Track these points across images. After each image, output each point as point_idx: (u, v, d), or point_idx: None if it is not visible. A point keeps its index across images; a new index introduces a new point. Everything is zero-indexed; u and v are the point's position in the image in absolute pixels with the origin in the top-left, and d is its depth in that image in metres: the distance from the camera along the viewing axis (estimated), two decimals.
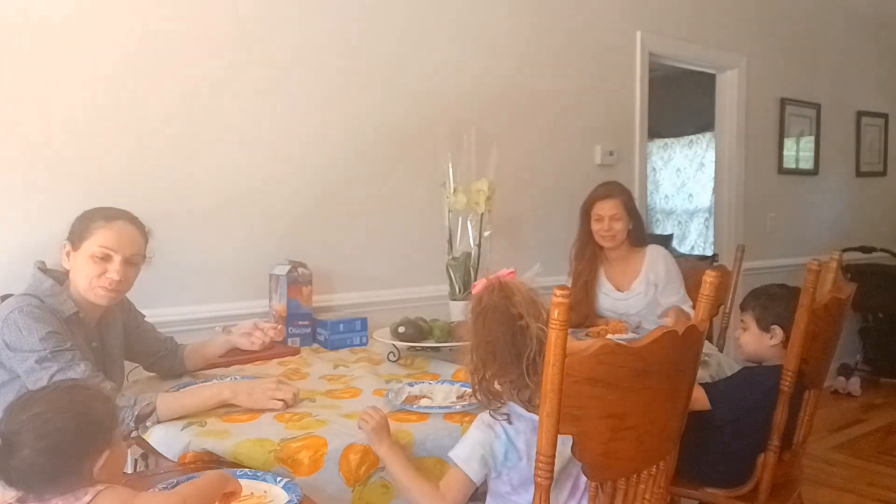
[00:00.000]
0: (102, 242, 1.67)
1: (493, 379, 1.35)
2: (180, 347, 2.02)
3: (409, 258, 2.82)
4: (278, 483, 1.30)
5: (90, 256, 1.66)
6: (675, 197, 7.29)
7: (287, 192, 2.52)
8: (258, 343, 1.99)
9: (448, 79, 2.90)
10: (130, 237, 1.71)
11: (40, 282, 1.68)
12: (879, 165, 5.23)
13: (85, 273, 1.67)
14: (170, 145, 2.28)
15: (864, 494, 3.08)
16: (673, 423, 1.38)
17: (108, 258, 1.67)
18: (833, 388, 4.58)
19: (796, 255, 4.21)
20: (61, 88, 2.10)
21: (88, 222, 1.69)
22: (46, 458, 0.97)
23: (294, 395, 1.67)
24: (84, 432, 1.01)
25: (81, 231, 1.68)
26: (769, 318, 1.97)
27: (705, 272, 1.40)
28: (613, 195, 2.63)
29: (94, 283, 1.67)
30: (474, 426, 1.39)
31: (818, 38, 4.62)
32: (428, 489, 1.34)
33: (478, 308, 1.37)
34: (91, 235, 1.67)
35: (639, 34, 3.57)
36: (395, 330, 2.14)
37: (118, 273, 1.68)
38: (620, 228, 2.61)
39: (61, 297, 1.67)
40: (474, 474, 1.32)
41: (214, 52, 2.35)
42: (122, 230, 1.70)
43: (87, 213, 1.72)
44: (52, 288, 1.67)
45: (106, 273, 1.67)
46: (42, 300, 1.63)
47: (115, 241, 1.68)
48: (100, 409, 1.05)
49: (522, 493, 1.35)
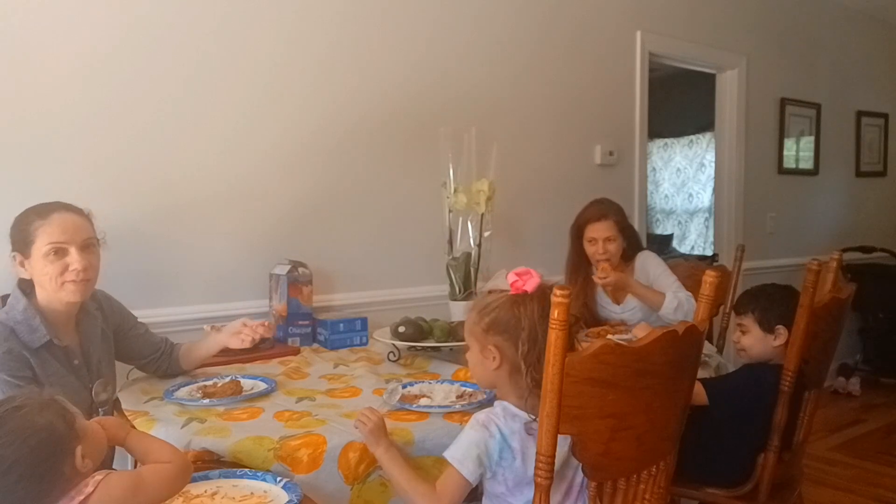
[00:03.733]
0: (50, 239, 1.60)
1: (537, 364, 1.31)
2: (175, 347, 1.99)
3: (409, 258, 2.82)
4: (278, 483, 1.29)
5: (43, 257, 1.60)
6: (675, 197, 7.29)
7: (287, 191, 2.52)
8: (248, 341, 1.96)
9: (449, 79, 2.90)
10: (74, 224, 1.64)
11: (16, 302, 1.62)
12: (879, 165, 5.23)
13: (47, 275, 1.61)
14: (167, 144, 2.28)
15: (864, 494, 3.08)
16: (673, 423, 1.38)
17: (63, 252, 1.61)
18: (833, 388, 4.59)
19: (796, 255, 4.21)
20: (59, 87, 2.09)
21: (26, 226, 1.62)
22: (22, 486, 0.98)
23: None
24: (43, 449, 1.00)
25: (24, 236, 1.62)
26: (772, 318, 1.94)
27: (705, 272, 1.40)
28: (606, 216, 2.57)
29: (59, 281, 1.61)
30: (469, 426, 1.38)
31: (818, 38, 4.63)
32: (424, 490, 1.34)
33: (523, 297, 1.36)
34: (36, 237, 1.61)
35: (639, 34, 3.57)
36: (395, 330, 2.14)
37: (79, 262, 1.62)
38: (615, 250, 2.56)
39: (34, 322, 1.61)
40: (470, 474, 1.32)
41: (214, 49, 2.35)
42: (63, 220, 1.63)
43: (19, 218, 1.65)
44: (23, 312, 1.61)
45: (68, 267, 1.62)
46: (13, 329, 1.59)
47: (61, 233, 1.62)
48: (43, 419, 1.02)
49: (517, 495, 1.34)
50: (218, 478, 1.32)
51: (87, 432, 1.06)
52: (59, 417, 1.04)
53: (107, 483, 1.02)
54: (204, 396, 1.75)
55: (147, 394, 1.81)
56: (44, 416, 1.02)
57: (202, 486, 1.29)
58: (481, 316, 1.40)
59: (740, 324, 2.03)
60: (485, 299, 1.43)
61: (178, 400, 1.72)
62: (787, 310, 1.87)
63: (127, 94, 2.20)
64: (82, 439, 1.04)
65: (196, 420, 1.57)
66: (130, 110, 2.20)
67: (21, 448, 0.98)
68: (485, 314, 1.39)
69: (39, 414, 1.03)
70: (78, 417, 1.07)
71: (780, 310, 1.93)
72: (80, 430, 1.05)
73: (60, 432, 1.02)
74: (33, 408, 1.03)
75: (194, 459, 1.41)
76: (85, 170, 2.13)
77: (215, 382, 1.85)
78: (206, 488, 1.28)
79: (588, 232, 2.59)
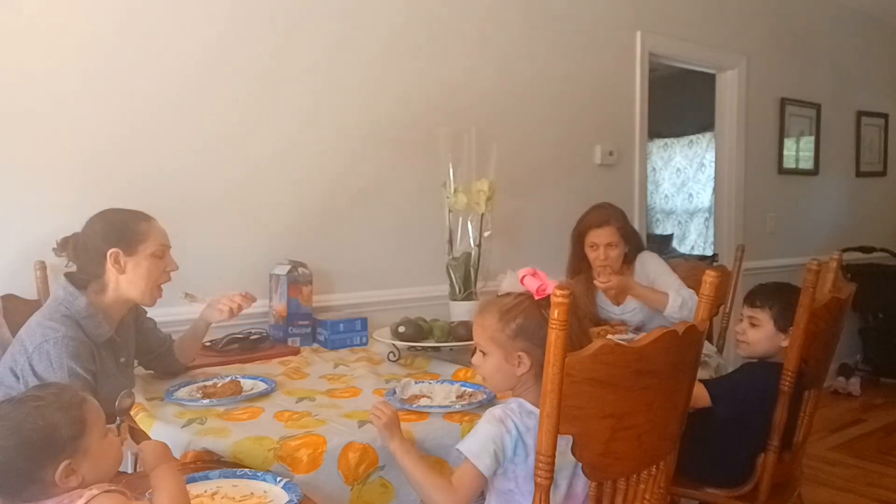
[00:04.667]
0: (161, 240, 1.73)
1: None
2: (173, 344, 2.00)
3: (409, 258, 2.82)
4: (278, 483, 1.29)
5: (151, 256, 1.70)
6: (675, 197, 7.29)
7: (287, 191, 2.52)
8: (226, 311, 1.95)
9: (449, 79, 2.90)
10: (164, 229, 1.77)
11: (74, 298, 1.64)
12: (879, 165, 5.23)
13: (149, 275, 1.70)
14: (169, 144, 2.28)
15: (864, 494, 3.08)
16: (673, 423, 1.38)
17: (164, 254, 1.73)
18: (833, 388, 4.58)
19: (796, 255, 4.21)
20: (58, 86, 2.09)
21: (134, 224, 1.70)
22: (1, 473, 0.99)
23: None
24: (28, 448, 0.99)
25: (132, 235, 1.68)
26: (789, 318, 1.86)
27: (705, 272, 1.40)
28: (608, 222, 2.56)
29: (157, 283, 1.72)
30: (485, 420, 1.36)
31: (818, 38, 4.63)
32: (441, 484, 1.33)
33: (546, 300, 1.32)
34: (146, 237, 1.69)
35: (639, 34, 3.57)
36: (395, 330, 2.14)
37: (174, 264, 1.76)
38: (616, 256, 2.56)
39: (97, 318, 1.65)
40: (486, 469, 1.31)
41: (214, 47, 2.35)
42: (159, 225, 1.75)
43: (121, 217, 1.71)
44: (87, 308, 1.64)
45: (165, 269, 1.74)
46: (79, 322, 1.61)
47: (164, 237, 1.75)
48: (51, 422, 1.01)
49: (527, 494, 1.33)
50: (218, 478, 1.31)
51: (89, 451, 1.03)
52: (69, 425, 1.02)
53: (97, 501, 0.99)
54: (204, 396, 1.75)
55: (147, 393, 1.81)
56: (53, 417, 1.01)
57: (202, 485, 1.28)
58: (505, 322, 1.37)
59: (752, 316, 1.99)
60: (504, 303, 1.39)
61: (178, 400, 1.72)
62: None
63: (125, 92, 2.19)
64: (78, 455, 1.02)
65: (196, 420, 1.57)
66: (130, 109, 2.20)
67: (12, 438, 0.99)
68: (509, 320, 1.37)
69: (52, 413, 1.02)
70: (91, 431, 1.04)
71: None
72: (83, 443, 1.03)
73: (57, 439, 1.01)
74: (51, 405, 1.03)
75: (194, 459, 1.41)
76: (84, 169, 2.13)
77: (215, 382, 1.85)
78: (205, 488, 1.28)
79: (590, 238, 2.59)
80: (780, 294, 1.97)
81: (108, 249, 1.66)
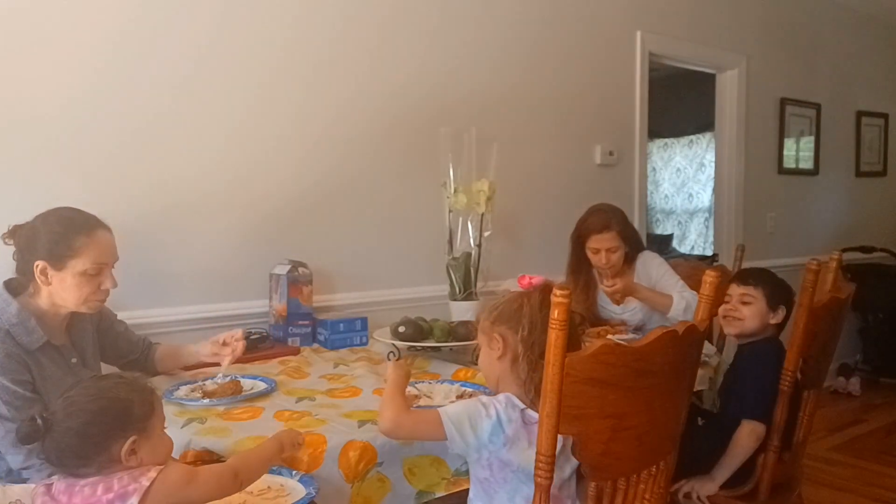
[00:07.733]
0: (95, 259, 1.60)
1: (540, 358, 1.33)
2: (152, 348, 1.96)
3: (409, 258, 2.82)
4: (294, 477, 1.33)
5: (81, 274, 1.58)
6: (675, 197, 7.29)
7: (288, 191, 2.52)
8: (227, 360, 1.90)
9: (449, 79, 2.90)
10: (111, 244, 1.65)
11: (6, 305, 1.56)
12: (879, 165, 5.23)
13: (78, 291, 1.59)
14: (167, 144, 2.27)
15: (864, 494, 3.08)
16: (673, 423, 1.38)
17: (99, 272, 1.62)
18: (833, 388, 4.58)
19: (796, 255, 4.21)
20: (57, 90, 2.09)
21: (68, 240, 1.58)
22: (72, 437, 1.05)
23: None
24: (106, 415, 1.07)
25: (62, 250, 1.58)
26: (778, 297, 2.02)
27: (705, 272, 1.41)
28: (609, 226, 2.54)
29: (88, 299, 1.62)
30: (471, 399, 1.43)
31: (818, 38, 4.63)
32: (400, 404, 1.39)
33: (528, 291, 1.42)
34: (79, 254, 1.58)
35: (639, 34, 3.57)
36: (395, 330, 2.14)
37: (112, 282, 1.64)
38: (617, 259, 2.56)
39: (28, 324, 1.57)
40: (447, 426, 1.33)
41: (213, 48, 2.35)
42: (105, 240, 1.63)
43: (59, 227, 1.59)
44: (17, 315, 1.56)
45: (101, 286, 1.63)
46: (9, 331, 1.54)
47: (104, 254, 1.62)
48: (128, 397, 1.10)
49: (501, 483, 1.35)
50: None
51: (154, 432, 1.12)
52: (143, 404, 1.11)
53: (165, 473, 1.08)
54: (204, 396, 1.75)
55: None
56: (130, 394, 1.11)
57: None
58: (489, 311, 1.46)
59: (746, 293, 2.03)
60: (496, 299, 1.49)
61: (178, 400, 1.72)
62: (789, 294, 2.04)
63: (125, 92, 2.19)
64: (144, 436, 1.09)
65: (196, 420, 1.57)
66: (129, 109, 2.20)
67: (93, 403, 1.07)
68: (493, 309, 1.46)
69: (129, 391, 1.11)
70: (157, 416, 1.13)
71: (785, 293, 2.04)
72: (149, 426, 1.11)
73: (131, 414, 1.09)
74: (129, 384, 1.14)
75: (194, 459, 1.41)
76: (84, 170, 2.13)
77: (215, 382, 1.85)
78: None
79: (590, 242, 2.58)
80: (770, 275, 2.10)
81: (35, 261, 1.58)
